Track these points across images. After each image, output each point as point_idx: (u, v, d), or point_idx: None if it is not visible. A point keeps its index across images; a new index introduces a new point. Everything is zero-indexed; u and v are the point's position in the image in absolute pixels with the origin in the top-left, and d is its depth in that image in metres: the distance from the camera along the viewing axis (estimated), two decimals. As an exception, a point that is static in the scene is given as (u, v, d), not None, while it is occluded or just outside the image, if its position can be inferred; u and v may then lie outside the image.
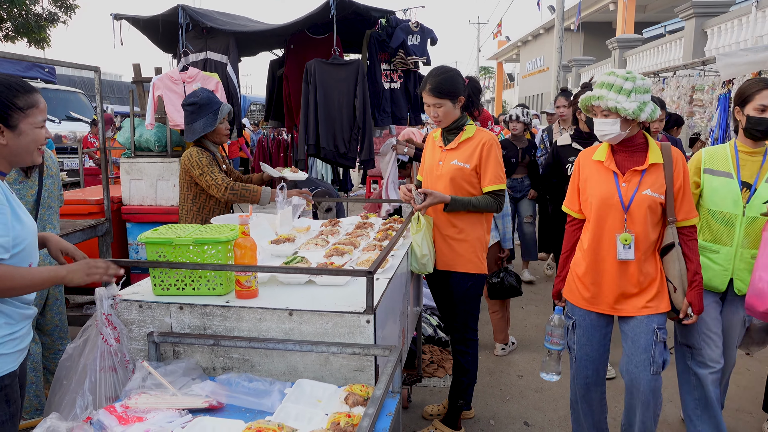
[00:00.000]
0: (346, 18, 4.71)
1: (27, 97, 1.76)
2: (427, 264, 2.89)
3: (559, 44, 16.18)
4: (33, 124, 1.78)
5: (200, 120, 3.23)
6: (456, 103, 2.88)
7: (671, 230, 2.46)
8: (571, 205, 2.68)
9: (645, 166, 2.43)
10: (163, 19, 4.74)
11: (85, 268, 1.83)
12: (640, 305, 2.50)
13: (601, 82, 2.43)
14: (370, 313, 1.93)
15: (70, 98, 13.45)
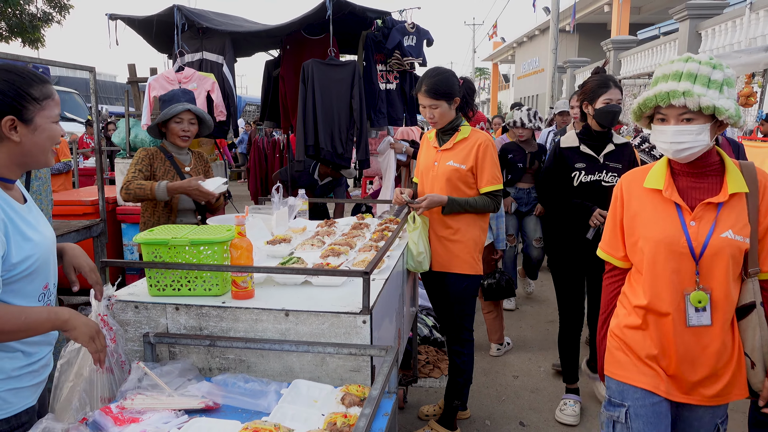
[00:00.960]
0: (342, 19, 4.71)
1: (42, 88, 1.55)
2: (423, 262, 2.90)
3: (555, 45, 16.22)
4: (49, 118, 1.57)
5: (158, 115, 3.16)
6: (452, 104, 2.89)
7: (752, 285, 1.77)
8: (611, 249, 1.99)
9: (724, 198, 1.74)
10: (159, 19, 4.73)
11: (92, 333, 1.62)
12: (711, 393, 1.81)
13: (673, 72, 1.72)
14: (366, 313, 1.94)
15: (64, 99, 13.41)
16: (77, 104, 14.87)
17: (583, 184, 3.24)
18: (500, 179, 2.95)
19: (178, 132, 3.12)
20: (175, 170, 3.15)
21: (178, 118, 3.10)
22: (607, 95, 3.15)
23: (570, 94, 20.59)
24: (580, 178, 3.24)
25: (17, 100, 1.50)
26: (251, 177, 9.09)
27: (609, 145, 3.25)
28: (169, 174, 3.12)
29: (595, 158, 3.25)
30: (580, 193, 3.24)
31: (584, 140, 3.29)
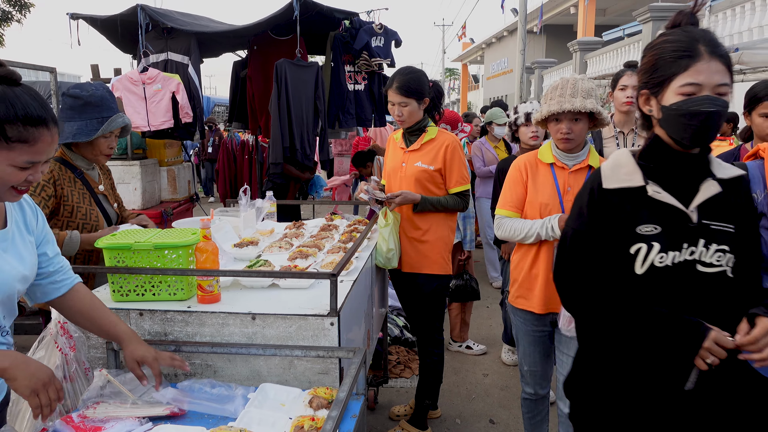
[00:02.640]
0: (309, 19, 4.69)
1: (23, 129, 1.33)
2: (392, 259, 2.91)
3: (522, 46, 16.41)
4: (9, 160, 1.34)
5: (76, 122, 2.39)
6: (421, 104, 2.91)
7: None
8: None
9: None
10: (122, 19, 4.64)
11: (36, 386, 1.39)
12: None
13: None
14: (334, 315, 1.93)
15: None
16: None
17: (658, 269, 1.56)
18: (468, 179, 3.00)
19: (105, 149, 2.48)
20: (89, 193, 2.51)
21: (110, 132, 2.45)
22: (692, 75, 1.47)
23: (538, 93, 20.89)
24: (652, 258, 1.55)
25: None
26: (220, 179, 8.96)
27: (707, 185, 1.58)
28: (85, 199, 2.49)
29: (682, 213, 1.56)
30: (652, 288, 1.57)
31: (656, 173, 1.61)
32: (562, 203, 2.46)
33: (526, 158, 2.58)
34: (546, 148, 2.55)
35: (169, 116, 4.52)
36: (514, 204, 2.56)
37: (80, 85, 2.47)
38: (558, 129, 2.43)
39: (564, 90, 2.40)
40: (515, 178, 2.57)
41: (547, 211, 2.47)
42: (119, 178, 5.21)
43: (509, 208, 2.57)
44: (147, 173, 5.34)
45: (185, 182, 6.05)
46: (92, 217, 2.49)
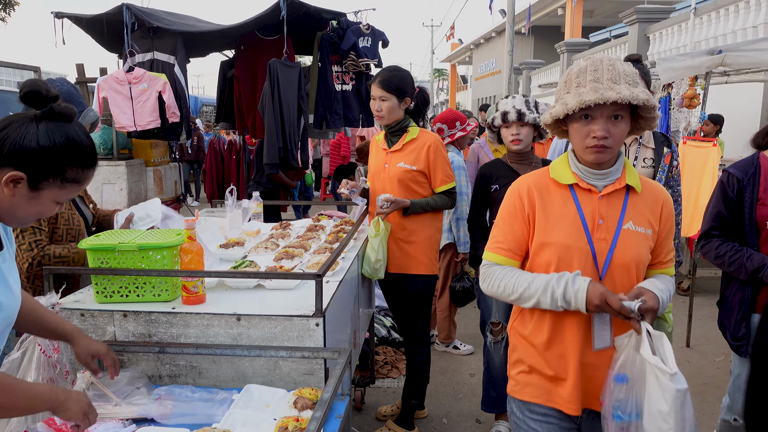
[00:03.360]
0: (297, 19, 4.69)
1: (81, 172, 1.37)
2: (379, 269, 2.92)
3: (510, 47, 16.48)
4: (56, 197, 1.36)
5: None
6: (401, 103, 2.92)
7: None
8: None
9: None
10: (108, 18, 4.61)
11: (85, 409, 1.49)
12: None
13: None
14: (319, 316, 1.93)
15: (10, 98, 12.94)
16: (23, 105, 14.36)
17: None
18: (452, 177, 3.02)
19: None
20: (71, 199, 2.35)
21: None
22: None
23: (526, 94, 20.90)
24: None
25: (47, 166, 1.30)
26: (207, 179, 8.95)
27: None
28: (67, 203, 2.43)
29: None
30: None
31: None
32: (592, 244, 1.69)
33: (530, 180, 1.81)
34: (562, 164, 1.79)
35: (155, 116, 4.50)
36: (509, 246, 1.79)
37: (48, 81, 2.42)
38: (589, 131, 1.63)
39: (599, 73, 1.62)
40: (513, 208, 1.80)
41: (568, 255, 1.69)
42: (105, 179, 5.19)
43: (503, 252, 1.80)
44: (133, 173, 5.32)
45: (172, 182, 6.02)
46: (74, 222, 2.49)
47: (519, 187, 1.83)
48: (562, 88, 1.72)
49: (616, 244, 1.70)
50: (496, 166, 3.06)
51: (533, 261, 1.79)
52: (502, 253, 1.81)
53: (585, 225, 1.72)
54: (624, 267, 1.70)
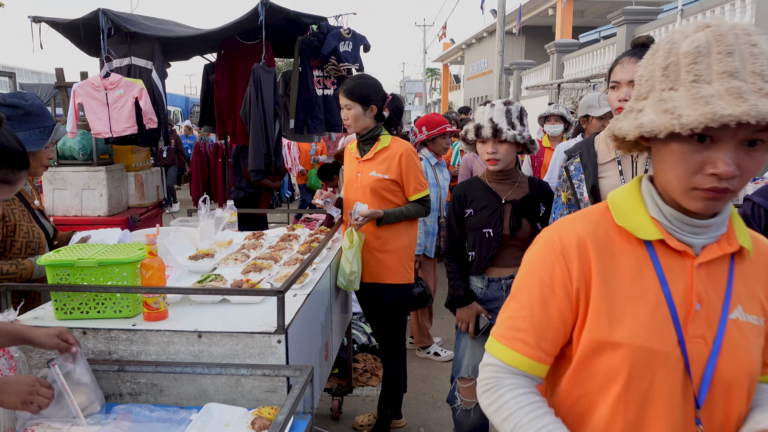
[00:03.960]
0: (277, 24, 4.65)
1: (12, 172, 1.48)
2: (354, 281, 2.89)
3: (501, 48, 16.48)
4: None
5: (17, 132, 2.21)
6: (366, 110, 2.90)
7: None
8: None
9: None
10: (84, 23, 4.56)
11: (23, 398, 1.47)
12: None
13: None
14: (281, 332, 1.90)
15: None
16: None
17: None
18: (426, 184, 3.00)
19: (45, 160, 2.40)
20: (27, 209, 2.43)
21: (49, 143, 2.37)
22: None
23: (517, 95, 21.00)
24: None
25: None
26: (193, 182, 8.87)
27: None
28: (25, 216, 2.39)
29: None
30: None
31: None
32: (685, 346, 1.02)
33: (580, 227, 1.11)
34: (631, 202, 1.11)
35: (132, 122, 4.45)
36: (538, 341, 1.10)
37: (15, 94, 2.36)
38: (705, 161, 0.95)
39: (736, 61, 0.91)
40: (549, 277, 1.10)
41: (648, 366, 1.02)
42: (84, 184, 5.14)
43: (526, 350, 1.10)
44: (113, 179, 5.27)
45: (153, 187, 5.97)
46: (35, 235, 2.42)
47: (562, 238, 1.10)
48: (658, 75, 0.99)
49: (721, 347, 1.03)
50: (473, 186, 2.59)
51: (581, 371, 1.09)
52: (526, 352, 1.10)
53: (674, 313, 1.04)
54: (732, 384, 1.03)
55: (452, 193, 2.66)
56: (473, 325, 2.53)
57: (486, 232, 2.47)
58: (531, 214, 2.49)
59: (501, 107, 2.45)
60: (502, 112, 2.44)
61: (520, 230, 2.46)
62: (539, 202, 2.51)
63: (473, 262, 2.54)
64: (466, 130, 2.52)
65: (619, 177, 2.04)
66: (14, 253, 2.36)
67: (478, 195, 2.55)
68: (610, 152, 2.08)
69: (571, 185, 2.15)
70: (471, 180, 2.68)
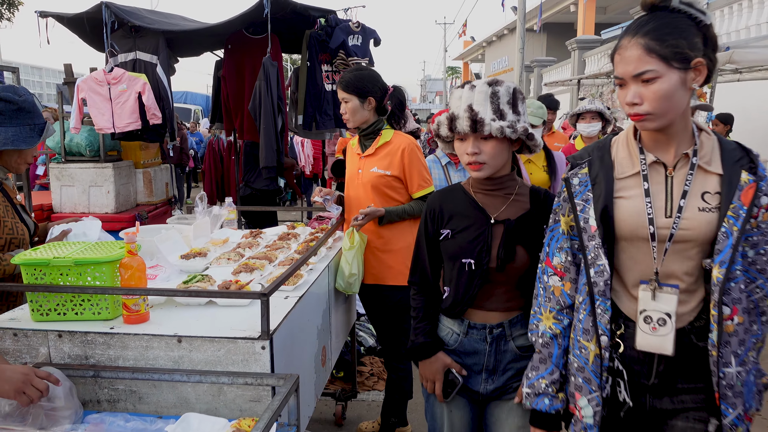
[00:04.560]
0: (284, 17, 4.53)
1: None
2: (353, 284, 2.76)
3: (522, 45, 16.22)
4: None
5: (9, 127, 2.25)
6: (364, 103, 2.77)
7: None
8: None
9: None
10: (88, 16, 4.49)
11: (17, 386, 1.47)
12: None
13: None
14: (265, 338, 1.78)
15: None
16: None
17: None
18: (430, 181, 2.85)
19: (29, 157, 2.38)
20: (10, 204, 2.40)
21: None
22: None
23: (538, 92, 20.70)
24: None
25: None
26: (206, 179, 8.85)
27: None
28: (8, 212, 2.36)
29: None
30: None
31: None
32: None
33: None
34: None
35: (135, 117, 4.37)
36: None
37: (8, 88, 2.30)
38: None
39: None
40: None
41: None
42: (91, 181, 5.08)
43: None
44: (121, 176, 5.19)
45: (162, 184, 5.90)
46: (18, 231, 2.37)
47: None
48: None
49: None
50: (452, 198, 1.93)
51: None
52: None
53: None
54: None
55: (425, 205, 2.00)
56: (440, 384, 1.90)
57: (467, 262, 1.81)
58: (530, 239, 1.81)
59: (484, 89, 1.74)
60: (486, 96, 1.73)
61: (512, 262, 1.79)
62: (543, 223, 1.79)
63: (448, 299, 1.89)
64: (438, 123, 1.82)
65: (644, 199, 1.52)
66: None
67: (458, 210, 1.88)
68: (633, 162, 1.56)
69: (573, 207, 1.60)
70: (450, 189, 1.97)
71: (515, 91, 1.77)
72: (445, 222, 1.90)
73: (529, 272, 1.80)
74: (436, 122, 1.83)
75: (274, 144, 4.54)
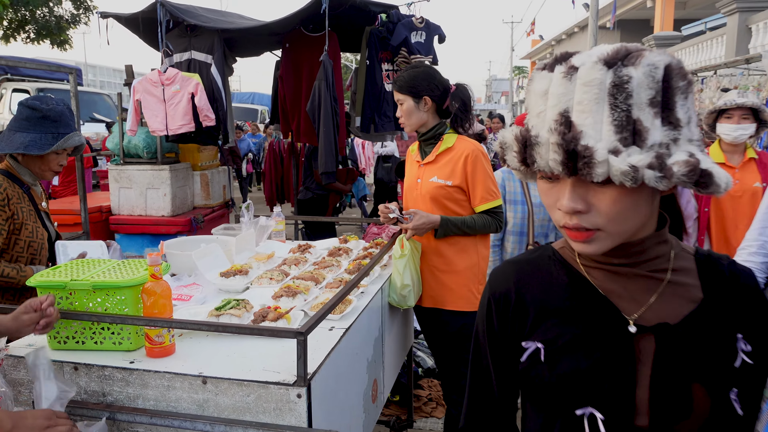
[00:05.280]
0: (343, 13, 4.28)
1: None
2: (408, 297, 2.44)
3: (593, 43, 15.46)
4: None
5: (30, 133, 2.26)
6: (419, 104, 2.45)
7: None
8: None
9: None
10: (143, 16, 4.39)
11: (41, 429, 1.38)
12: None
13: None
14: (302, 385, 1.50)
15: (95, 100, 13.41)
16: (107, 106, 14.86)
17: None
18: (497, 194, 2.50)
19: (55, 165, 2.36)
20: (34, 209, 2.38)
21: (62, 149, 2.34)
22: None
23: (610, 93, 19.64)
24: None
25: None
26: (266, 182, 8.73)
27: None
28: (31, 216, 2.35)
29: None
30: None
31: None
32: None
33: None
34: None
35: (187, 119, 4.22)
36: None
37: (40, 97, 2.35)
38: None
39: None
40: None
41: None
42: (149, 183, 5.01)
43: None
44: (177, 178, 5.10)
45: (219, 187, 5.79)
46: (38, 235, 2.36)
47: None
48: None
49: None
50: (539, 274, 1.01)
51: None
52: None
53: None
54: None
55: (486, 285, 1.07)
56: None
57: (585, 415, 0.90)
58: (712, 364, 0.89)
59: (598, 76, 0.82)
60: (601, 93, 0.81)
61: (686, 418, 0.87)
62: (735, 330, 0.92)
63: None
64: (504, 145, 0.93)
65: None
66: (17, 251, 2.30)
67: (555, 302, 0.98)
68: None
69: None
70: (535, 257, 1.04)
71: (671, 73, 0.83)
72: (530, 325, 0.98)
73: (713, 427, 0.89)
74: (500, 140, 0.94)
75: (334, 148, 4.31)
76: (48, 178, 2.43)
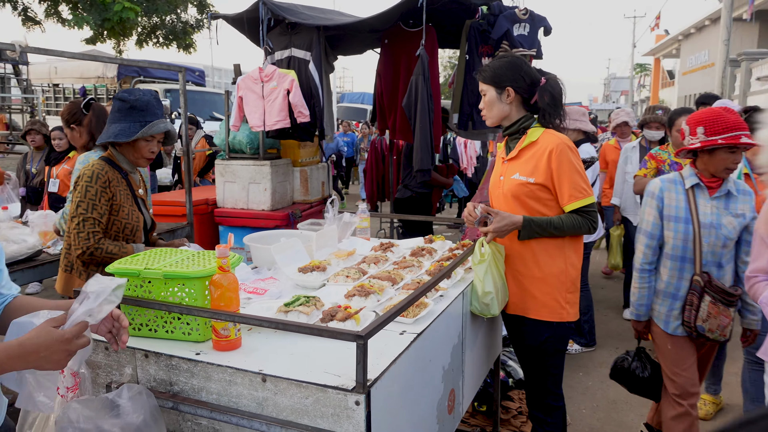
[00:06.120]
0: (443, 7, 4.15)
1: None
2: (491, 305, 2.27)
3: (727, 36, 14.15)
4: None
5: (121, 123, 2.40)
6: (502, 95, 2.26)
7: None
8: None
9: None
10: (248, 16, 4.52)
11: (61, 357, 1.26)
12: None
13: None
14: (360, 391, 1.41)
15: (215, 100, 14.24)
16: (228, 105, 15.77)
17: None
18: (588, 191, 2.23)
19: (146, 153, 2.48)
20: (131, 194, 2.53)
21: (151, 137, 2.46)
22: None
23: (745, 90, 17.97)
24: None
25: None
26: (367, 179, 8.79)
27: None
28: (128, 200, 2.49)
29: None
30: None
31: None
32: None
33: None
34: None
35: (283, 116, 4.29)
36: None
37: (130, 90, 2.51)
38: None
39: None
40: None
41: None
42: (251, 178, 5.17)
43: None
44: (278, 173, 5.22)
45: (319, 183, 5.87)
46: (134, 218, 2.50)
47: None
48: None
49: None
50: None
51: None
52: None
53: None
54: None
55: None
56: None
57: None
58: None
59: None
60: None
61: None
62: None
63: None
64: None
65: None
66: (114, 231, 2.45)
67: None
68: None
69: None
70: None
71: None
72: None
73: None
74: None
75: (430, 145, 4.20)
76: (142, 165, 2.56)
